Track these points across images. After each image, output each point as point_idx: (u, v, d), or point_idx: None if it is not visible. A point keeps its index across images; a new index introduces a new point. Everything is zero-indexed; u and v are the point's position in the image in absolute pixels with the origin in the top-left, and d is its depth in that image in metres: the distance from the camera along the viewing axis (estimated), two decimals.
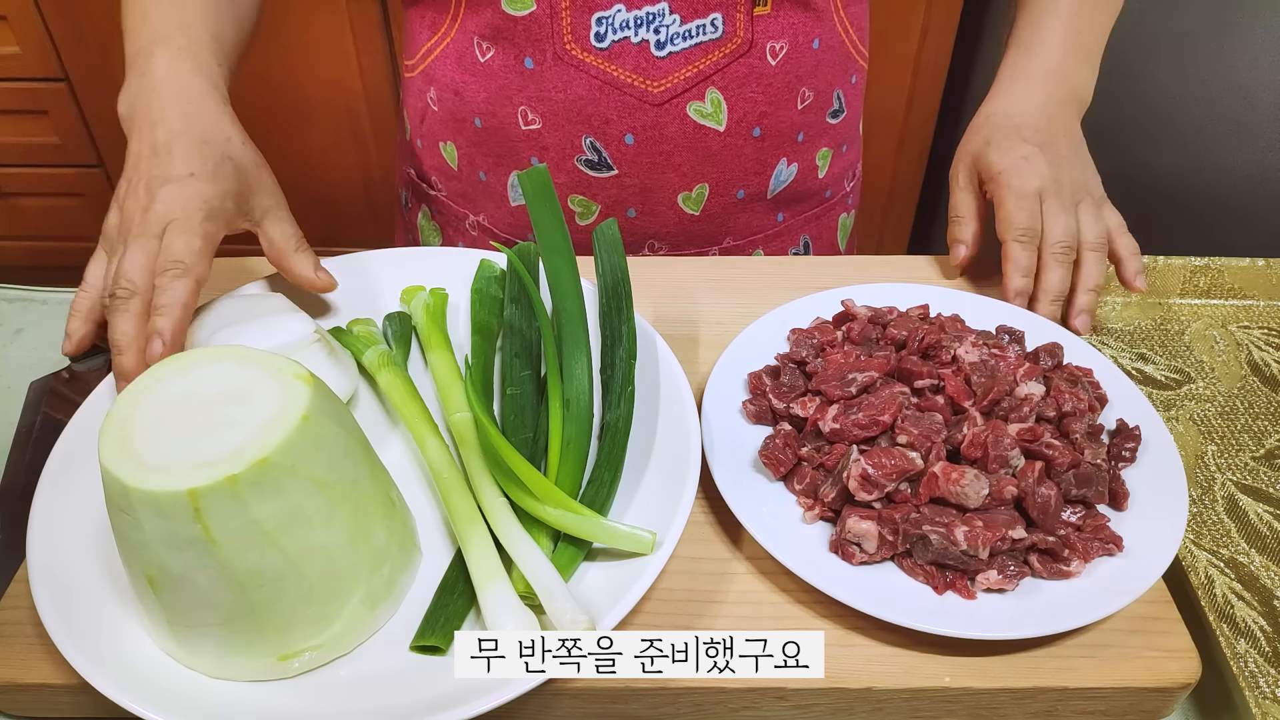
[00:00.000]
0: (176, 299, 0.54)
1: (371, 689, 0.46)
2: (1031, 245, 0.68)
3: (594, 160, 0.76)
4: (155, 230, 0.57)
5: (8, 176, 1.84)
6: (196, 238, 0.56)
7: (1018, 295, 0.68)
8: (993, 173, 0.70)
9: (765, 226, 0.84)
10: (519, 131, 0.76)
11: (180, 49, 0.64)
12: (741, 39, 0.72)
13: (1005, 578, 0.50)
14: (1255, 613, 0.56)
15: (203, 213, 0.57)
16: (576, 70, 0.71)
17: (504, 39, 0.72)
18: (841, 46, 0.79)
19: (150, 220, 0.57)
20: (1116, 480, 0.55)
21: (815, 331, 0.63)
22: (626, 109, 0.73)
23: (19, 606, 0.51)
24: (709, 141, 0.75)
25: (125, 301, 0.55)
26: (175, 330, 0.54)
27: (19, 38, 1.65)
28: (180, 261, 0.55)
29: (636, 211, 0.79)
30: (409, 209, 0.92)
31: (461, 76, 0.76)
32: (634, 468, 0.56)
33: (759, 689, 0.48)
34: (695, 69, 0.72)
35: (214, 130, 0.62)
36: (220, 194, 0.59)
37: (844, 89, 0.81)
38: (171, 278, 0.55)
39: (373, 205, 1.88)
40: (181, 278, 0.55)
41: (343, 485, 0.46)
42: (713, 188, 0.78)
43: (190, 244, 0.56)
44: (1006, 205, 0.69)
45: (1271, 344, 0.75)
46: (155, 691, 0.45)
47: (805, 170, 0.82)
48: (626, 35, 0.70)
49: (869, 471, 0.52)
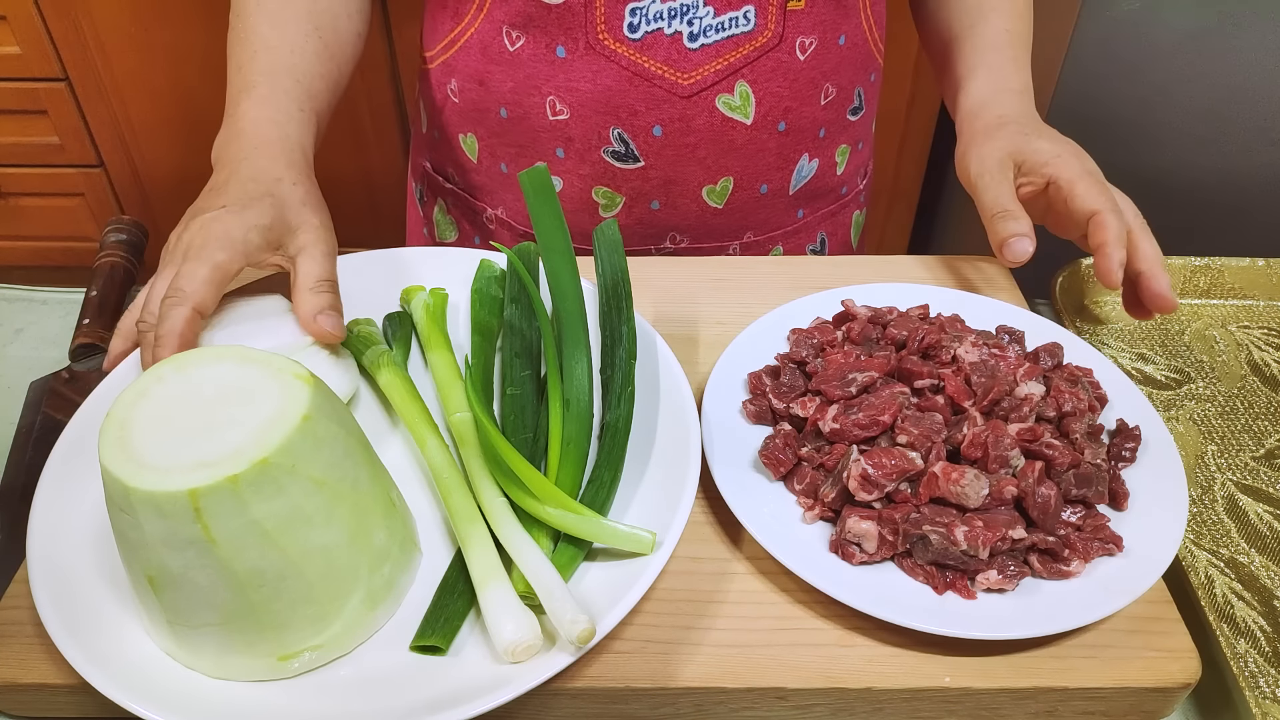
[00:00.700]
0: (172, 329, 0.54)
1: (371, 689, 0.46)
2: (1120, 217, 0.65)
3: (621, 152, 0.76)
4: (178, 260, 0.57)
5: (8, 176, 1.84)
6: (204, 266, 0.56)
7: (1119, 268, 0.63)
8: (1044, 159, 0.69)
9: (785, 222, 0.84)
10: (546, 122, 0.76)
11: (263, 99, 0.66)
12: (773, 32, 0.72)
13: (1005, 578, 0.50)
14: (1255, 613, 0.56)
15: (218, 242, 0.57)
16: (607, 61, 0.72)
17: (535, 27, 0.72)
18: (865, 44, 0.79)
19: (176, 250, 0.58)
20: (1116, 480, 0.55)
21: (815, 331, 0.64)
22: (655, 101, 0.73)
23: (19, 606, 0.51)
24: (735, 135, 0.75)
25: (145, 335, 0.56)
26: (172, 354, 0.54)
27: (19, 38, 1.65)
28: (180, 290, 0.55)
29: (660, 204, 0.79)
30: (424, 203, 0.92)
31: (486, 66, 0.76)
32: (634, 468, 0.56)
33: (759, 689, 0.48)
34: (726, 62, 0.72)
35: (265, 170, 0.62)
36: (245, 226, 0.58)
37: (864, 86, 0.82)
38: (169, 305, 0.55)
39: (373, 205, 1.88)
40: (177, 306, 0.55)
41: (343, 485, 0.46)
42: (737, 181, 0.79)
43: (195, 272, 0.55)
44: (1082, 184, 0.66)
45: (1271, 344, 0.75)
46: (155, 691, 0.45)
47: (825, 166, 0.83)
48: (660, 26, 0.70)
49: (869, 471, 0.52)
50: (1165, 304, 0.65)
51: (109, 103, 1.73)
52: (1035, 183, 0.70)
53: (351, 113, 1.75)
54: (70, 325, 0.74)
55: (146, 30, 1.64)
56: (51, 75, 1.70)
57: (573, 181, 0.79)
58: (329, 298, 0.59)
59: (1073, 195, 0.67)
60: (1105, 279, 0.64)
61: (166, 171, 1.82)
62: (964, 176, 0.74)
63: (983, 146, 0.72)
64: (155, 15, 1.62)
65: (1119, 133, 1.32)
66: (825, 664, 0.49)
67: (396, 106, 1.75)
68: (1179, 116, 1.29)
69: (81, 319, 0.73)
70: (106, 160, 1.82)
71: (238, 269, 0.57)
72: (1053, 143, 0.70)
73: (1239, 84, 1.25)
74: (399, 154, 1.81)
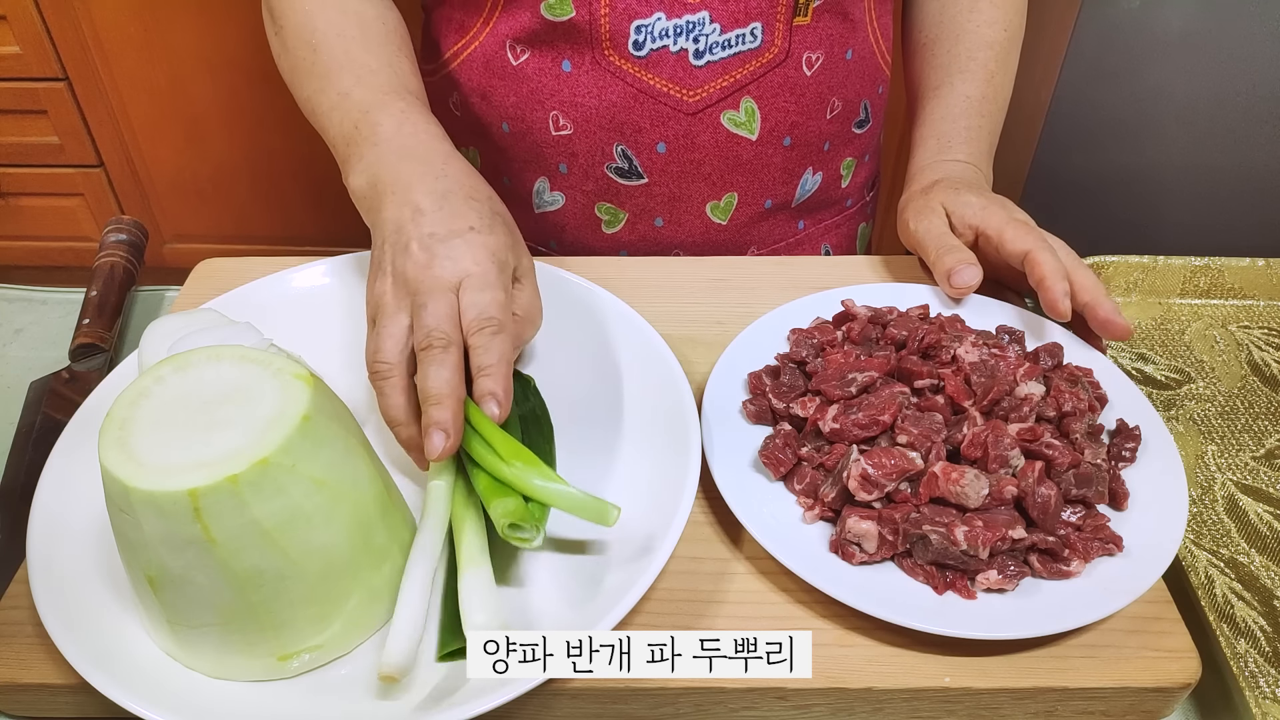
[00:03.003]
0: (499, 356, 0.51)
1: (371, 689, 0.46)
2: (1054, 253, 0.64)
3: (624, 168, 0.75)
4: (449, 285, 0.53)
5: (8, 176, 1.84)
6: (500, 291, 0.53)
7: (1065, 297, 0.62)
8: (972, 210, 0.68)
9: (787, 235, 0.84)
10: (549, 137, 0.75)
11: (403, 111, 0.62)
12: (779, 49, 0.71)
13: (1005, 578, 0.50)
14: (1255, 613, 0.56)
15: (496, 266, 0.54)
16: (612, 77, 0.71)
17: (541, 43, 0.72)
18: (872, 57, 0.79)
19: (440, 276, 0.53)
20: (1116, 480, 0.55)
21: (815, 331, 0.64)
22: (660, 118, 0.73)
23: (19, 606, 0.51)
24: (740, 150, 0.75)
25: (442, 353, 0.50)
26: (505, 388, 0.51)
27: (19, 38, 1.65)
28: (494, 319, 0.52)
29: (664, 220, 0.79)
30: None
31: (489, 80, 0.76)
32: (634, 468, 0.56)
33: (759, 689, 0.48)
34: (732, 78, 0.72)
35: (477, 187, 0.59)
36: (502, 246, 0.55)
37: (871, 99, 0.81)
38: (489, 335, 0.51)
39: None
40: (498, 334, 0.52)
41: (343, 485, 0.46)
42: (741, 197, 0.78)
43: (497, 299, 0.53)
44: (1010, 228, 0.66)
45: (1271, 344, 0.75)
46: (155, 691, 0.45)
47: (830, 179, 0.82)
48: (665, 44, 0.70)
49: (869, 471, 0.52)
50: (1117, 329, 0.61)
51: (109, 103, 1.73)
52: (965, 235, 0.69)
53: None
54: (70, 325, 0.74)
55: (146, 30, 1.64)
56: (51, 75, 1.70)
57: (575, 198, 0.78)
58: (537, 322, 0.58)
59: (1003, 240, 0.66)
60: (1054, 310, 0.61)
61: (166, 171, 1.82)
62: (903, 233, 0.73)
63: (917, 202, 0.72)
64: (155, 15, 1.62)
65: (1118, 132, 1.32)
66: (825, 664, 0.49)
67: None
68: (1178, 115, 1.29)
69: (81, 319, 0.73)
70: (106, 160, 1.82)
71: None
72: (980, 195, 0.69)
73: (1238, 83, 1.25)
74: None
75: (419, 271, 0.53)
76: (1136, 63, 1.27)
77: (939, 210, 0.71)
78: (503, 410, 0.51)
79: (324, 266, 0.69)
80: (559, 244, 0.82)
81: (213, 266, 0.74)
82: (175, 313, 0.59)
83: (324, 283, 0.69)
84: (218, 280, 0.72)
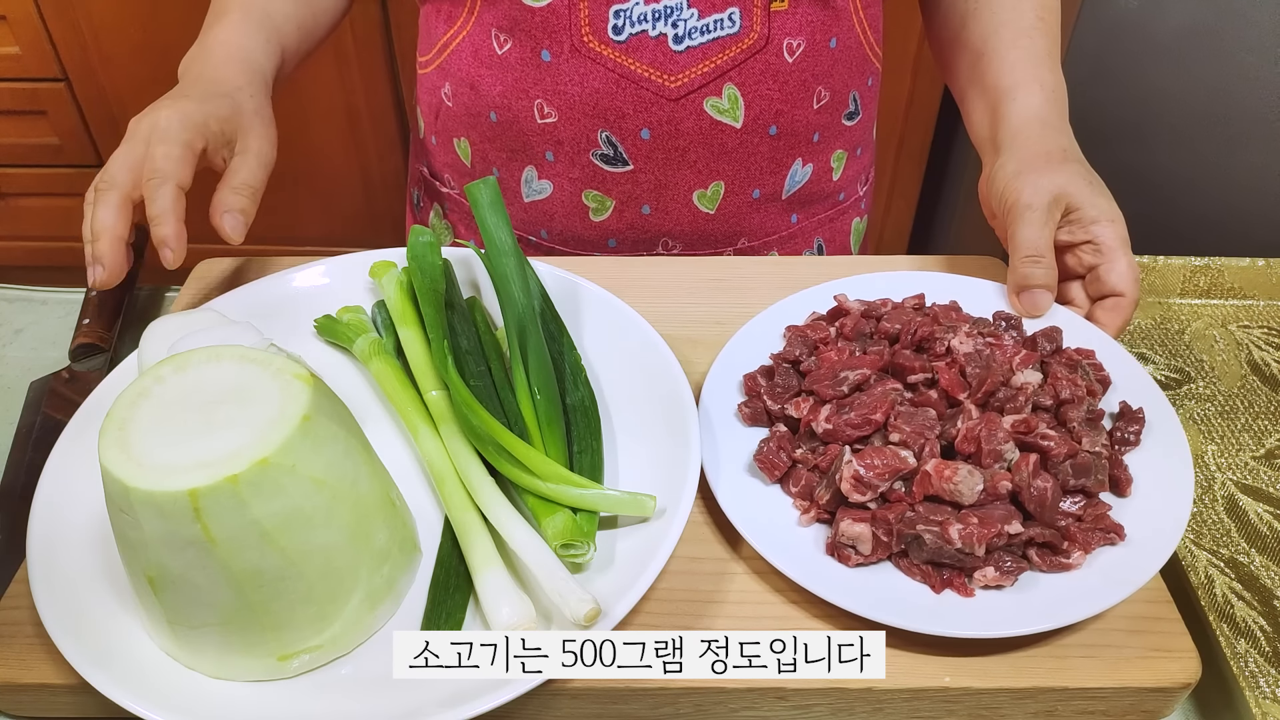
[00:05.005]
0: (165, 206, 0.58)
1: (371, 689, 0.46)
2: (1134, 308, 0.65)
3: (609, 155, 0.76)
4: (141, 137, 0.61)
5: (8, 176, 1.84)
6: (175, 146, 0.60)
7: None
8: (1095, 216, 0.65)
9: (779, 228, 0.84)
10: (534, 125, 0.76)
11: (234, 24, 0.72)
12: (758, 35, 0.72)
13: (1003, 574, 0.50)
14: (1255, 613, 0.56)
15: (180, 123, 0.61)
16: (593, 63, 0.71)
17: (521, 31, 0.72)
18: (859, 47, 0.78)
19: (137, 131, 0.62)
20: (1119, 466, 0.54)
21: (809, 328, 0.63)
22: (643, 103, 0.73)
23: (19, 606, 0.51)
24: (725, 138, 0.75)
25: (104, 194, 0.59)
26: (176, 234, 0.58)
27: (19, 38, 1.65)
28: (161, 170, 0.59)
29: (651, 208, 0.79)
30: (420, 208, 0.92)
31: (477, 70, 0.76)
32: (634, 468, 0.57)
33: (759, 689, 0.48)
34: (713, 64, 0.72)
35: (227, 79, 0.67)
36: (204, 112, 0.63)
37: (860, 91, 0.81)
38: (154, 187, 0.59)
39: (372, 205, 1.88)
40: (163, 185, 0.59)
41: (343, 485, 0.46)
42: (728, 186, 0.78)
43: (169, 153, 0.60)
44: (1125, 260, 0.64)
45: (1271, 344, 0.75)
46: (155, 691, 0.45)
47: (820, 172, 0.82)
48: (644, 29, 0.70)
49: (861, 472, 0.51)
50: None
51: (109, 103, 1.73)
52: (1075, 235, 0.66)
53: (351, 113, 1.75)
54: (70, 325, 0.74)
55: (146, 30, 1.64)
56: (51, 75, 1.70)
57: (563, 185, 0.79)
58: (243, 201, 0.63)
59: (1112, 267, 0.64)
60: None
61: None
62: (1002, 194, 0.67)
63: (1041, 176, 0.66)
64: (155, 15, 1.62)
65: (1118, 133, 1.32)
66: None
67: (396, 109, 1.75)
68: (1178, 116, 1.29)
69: (81, 319, 0.73)
70: (106, 160, 1.82)
71: (202, 149, 0.62)
72: (1108, 202, 0.66)
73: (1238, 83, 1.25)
74: (399, 156, 1.81)
75: (136, 126, 0.63)
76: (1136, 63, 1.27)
77: (1059, 200, 0.65)
78: (175, 254, 0.59)
79: (324, 266, 0.69)
80: (549, 233, 0.83)
81: (213, 266, 0.74)
82: (175, 313, 0.60)
83: (324, 283, 0.69)
84: (218, 280, 0.72)
